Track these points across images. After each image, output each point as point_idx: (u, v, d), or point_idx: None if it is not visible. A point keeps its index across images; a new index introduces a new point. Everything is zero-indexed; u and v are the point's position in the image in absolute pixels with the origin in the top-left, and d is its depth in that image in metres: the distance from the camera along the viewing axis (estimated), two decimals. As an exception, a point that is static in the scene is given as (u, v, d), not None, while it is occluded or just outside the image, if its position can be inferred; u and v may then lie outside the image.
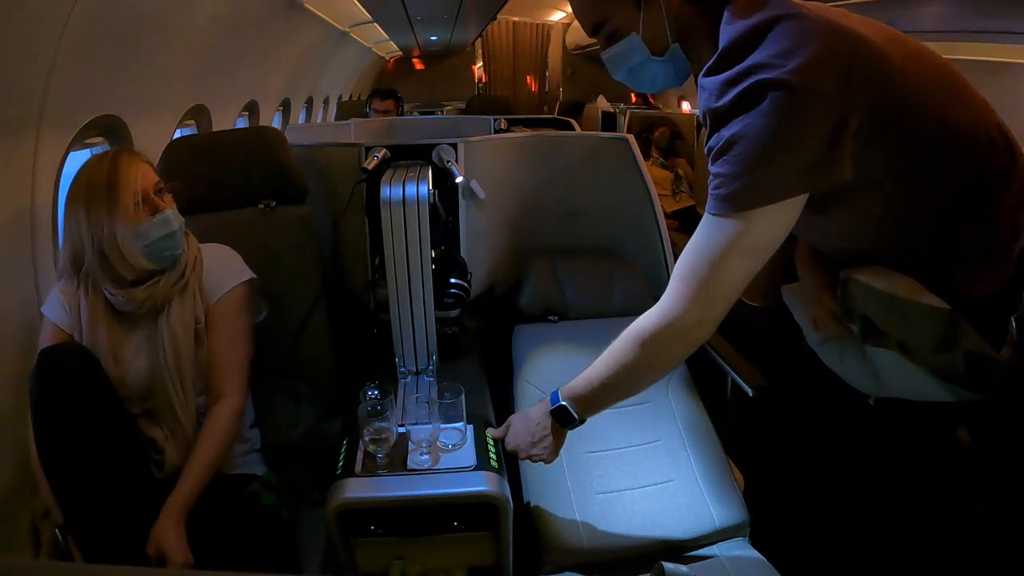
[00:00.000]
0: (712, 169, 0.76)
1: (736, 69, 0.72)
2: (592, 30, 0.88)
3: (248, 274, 1.21)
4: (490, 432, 1.11)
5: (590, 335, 1.34)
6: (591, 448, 1.23)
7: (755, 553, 1.10)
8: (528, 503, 1.17)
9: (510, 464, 1.12)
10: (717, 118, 0.74)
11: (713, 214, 0.77)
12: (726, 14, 0.76)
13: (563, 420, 0.98)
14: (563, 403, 0.97)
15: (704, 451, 1.24)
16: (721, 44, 0.75)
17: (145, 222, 1.06)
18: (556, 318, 1.54)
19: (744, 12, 0.75)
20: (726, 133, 0.72)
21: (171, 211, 1.10)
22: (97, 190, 1.04)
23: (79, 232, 1.05)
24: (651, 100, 5.48)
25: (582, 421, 0.98)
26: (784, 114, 0.68)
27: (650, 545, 1.09)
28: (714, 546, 1.12)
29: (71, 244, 1.08)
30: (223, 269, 1.19)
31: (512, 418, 1.08)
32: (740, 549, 1.11)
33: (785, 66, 0.68)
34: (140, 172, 1.07)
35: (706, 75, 0.77)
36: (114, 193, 1.04)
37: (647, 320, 0.87)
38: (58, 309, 1.11)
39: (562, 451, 1.19)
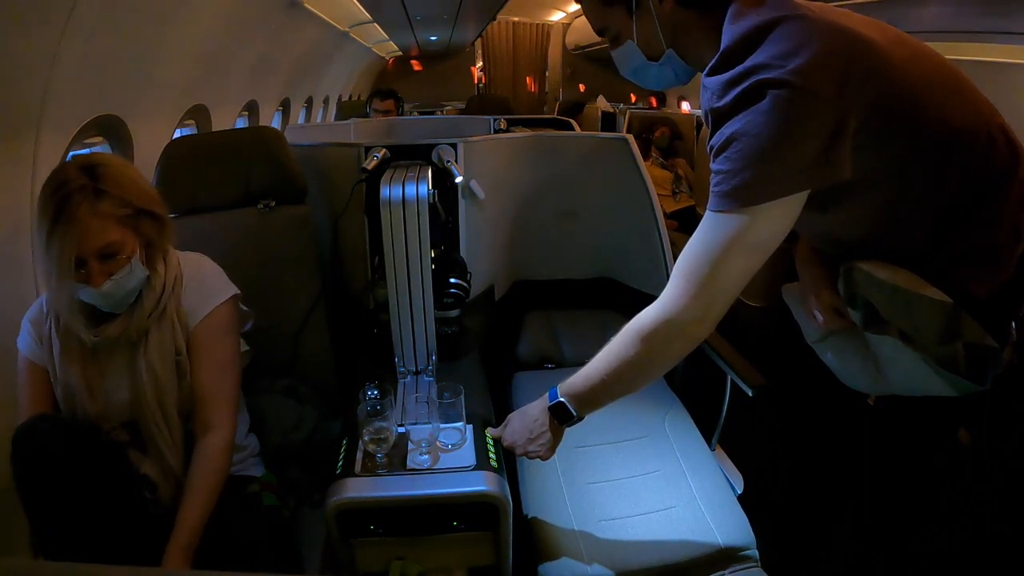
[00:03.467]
0: (713, 166, 0.76)
1: (738, 69, 0.72)
2: (598, 33, 0.92)
3: (232, 290, 1.12)
4: (489, 431, 1.11)
5: None
6: (591, 479, 1.24)
7: (761, 572, 1.09)
8: (527, 519, 1.17)
9: (511, 483, 1.12)
10: (719, 117, 0.75)
11: (714, 211, 0.77)
12: (729, 14, 0.77)
13: (561, 417, 0.98)
14: (561, 400, 0.97)
15: (705, 477, 1.25)
16: (723, 44, 0.76)
17: (72, 289, 0.96)
18: (552, 366, 1.63)
19: (747, 12, 0.75)
20: (727, 131, 0.73)
21: (110, 284, 0.97)
22: (43, 225, 0.93)
23: (38, 255, 0.96)
24: (654, 104, 5.47)
25: (580, 418, 0.98)
26: (783, 112, 0.69)
27: (654, 568, 1.08)
28: (723, 561, 1.10)
29: (38, 264, 1.02)
30: (203, 288, 1.09)
31: (510, 416, 1.08)
32: (746, 568, 1.09)
33: (786, 66, 0.69)
34: (86, 231, 0.93)
35: (709, 75, 0.77)
36: (52, 243, 0.92)
37: (647, 316, 0.87)
38: (29, 342, 1.04)
39: (563, 483, 1.23)
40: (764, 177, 0.72)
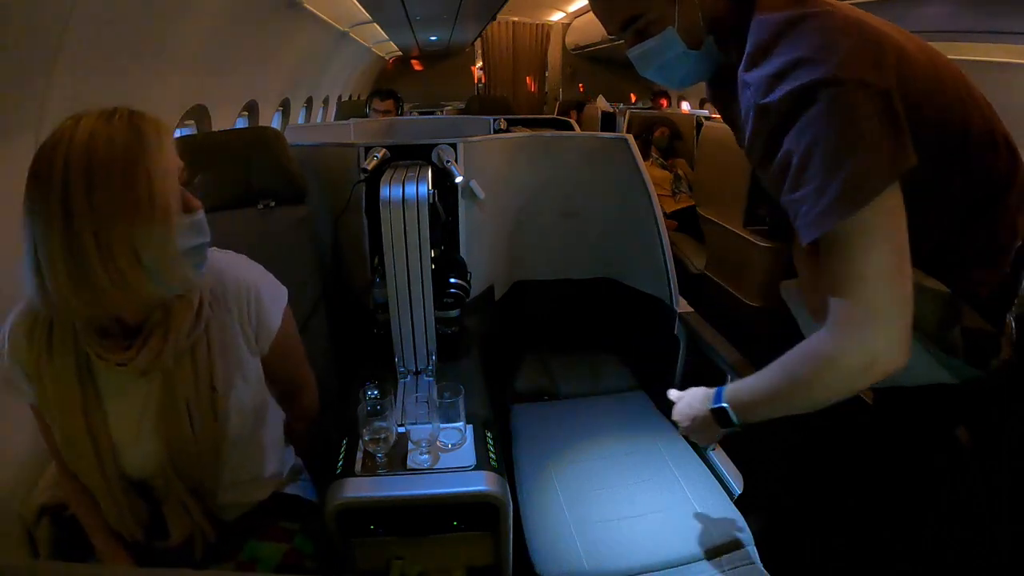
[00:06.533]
0: (793, 196, 0.71)
1: (778, 63, 0.71)
2: (621, 26, 0.84)
3: (284, 290, 0.98)
4: (670, 393, 1.07)
5: (579, 412, 1.57)
6: (588, 488, 1.26)
7: (759, 569, 1.10)
8: (526, 528, 1.18)
9: (509, 486, 1.13)
10: (765, 114, 0.72)
11: (826, 232, 0.69)
12: (755, 6, 0.76)
13: (722, 421, 0.92)
14: (724, 405, 0.91)
15: (697, 481, 1.28)
16: (756, 37, 0.75)
17: (180, 222, 0.74)
18: (547, 398, 1.70)
19: (774, 7, 0.75)
20: (793, 147, 0.69)
21: (201, 213, 0.79)
22: (111, 167, 0.67)
23: (56, 241, 0.68)
24: (664, 105, 5.47)
25: (740, 427, 0.90)
26: (844, 111, 0.67)
27: (652, 565, 1.09)
28: (720, 559, 1.12)
29: (40, 263, 0.70)
30: (261, 296, 0.93)
31: (687, 392, 1.03)
32: (744, 564, 1.11)
33: (829, 59, 0.68)
34: (173, 148, 0.75)
35: (747, 70, 0.75)
36: (137, 173, 0.69)
37: (828, 348, 0.74)
38: (15, 377, 0.81)
39: (559, 490, 1.26)
40: (855, 179, 0.67)
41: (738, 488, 1.29)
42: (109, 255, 0.69)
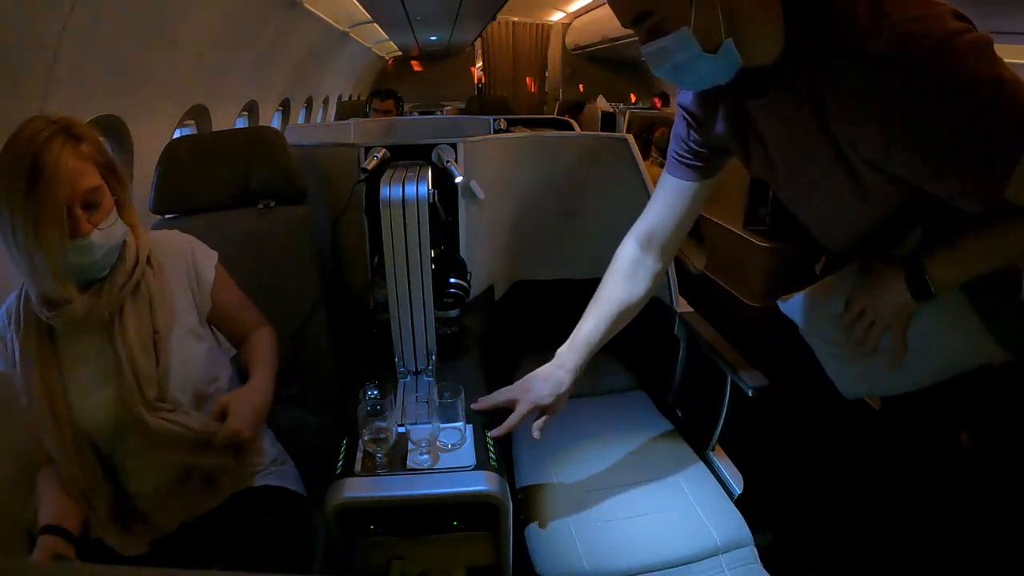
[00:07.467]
0: (966, 150, 0.69)
1: (890, 35, 0.68)
2: (633, 21, 0.78)
3: (214, 253, 1.14)
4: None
5: (579, 412, 1.53)
6: (587, 488, 1.26)
7: (760, 569, 1.10)
8: (526, 528, 1.18)
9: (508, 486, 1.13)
10: (901, 86, 0.69)
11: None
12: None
13: (917, 289, 0.85)
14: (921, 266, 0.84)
15: (697, 482, 1.27)
16: (850, 15, 0.70)
17: (61, 246, 0.85)
18: None
19: None
20: (950, 108, 0.67)
21: (97, 234, 0.89)
22: (15, 188, 0.82)
23: (2, 234, 0.85)
24: (657, 105, 5.47)
25: (933, 295, 0.85)
26: (973, 56, 0.66)
27: (652, 566, 1.09)
28: (720, 559, 1.12)
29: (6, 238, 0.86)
30: (194, 256, 1.08)
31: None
32: (744, 564, 1.11)
33: (933, 15, 0.67)
34: (73, 174, 0.85)
35: (857, 49, 0.70)
36: (33, 197, 0.82)
37: None
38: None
39: (559, 490, 1.26)
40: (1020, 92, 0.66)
41: (738, 488, 1.29)
42: (19, 252, 0.85)
